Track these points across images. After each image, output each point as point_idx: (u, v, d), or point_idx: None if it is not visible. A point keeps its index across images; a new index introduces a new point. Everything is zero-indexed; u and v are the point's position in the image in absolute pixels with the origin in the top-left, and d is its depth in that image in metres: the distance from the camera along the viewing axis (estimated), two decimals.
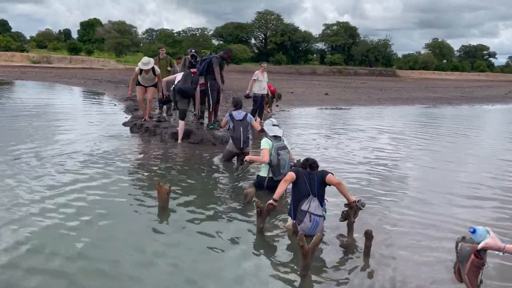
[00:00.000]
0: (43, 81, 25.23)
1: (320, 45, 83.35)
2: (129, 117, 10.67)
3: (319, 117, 14.52)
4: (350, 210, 4.12)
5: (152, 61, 8.89)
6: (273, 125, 5.54)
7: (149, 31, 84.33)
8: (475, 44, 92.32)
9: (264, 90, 11.08)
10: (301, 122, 12.45)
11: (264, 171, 5.36)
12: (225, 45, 59.77)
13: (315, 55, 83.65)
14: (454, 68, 78.50)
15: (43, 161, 6.18)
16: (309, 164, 4.17)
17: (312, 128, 11.26)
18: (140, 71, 8.77)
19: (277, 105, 14.87)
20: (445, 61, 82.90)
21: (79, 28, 74.39)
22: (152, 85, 9.12)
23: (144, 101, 9.24)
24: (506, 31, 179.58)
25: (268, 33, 77.49)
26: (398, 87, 33.81)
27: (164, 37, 69.43)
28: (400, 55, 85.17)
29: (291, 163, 5.35)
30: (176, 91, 7.78)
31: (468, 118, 16.44)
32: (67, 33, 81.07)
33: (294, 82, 33.08)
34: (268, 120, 5.79)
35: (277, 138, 5.37)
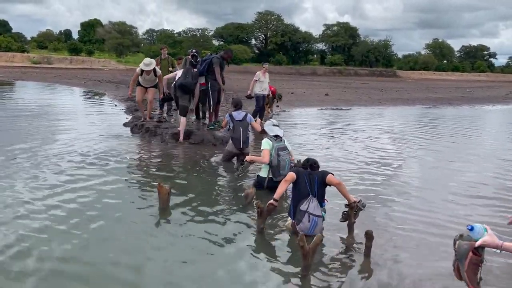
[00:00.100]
0: (44, 82, 25.25)
1: (321, 46, 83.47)
2: (130, 118, 10.67)
3: (320, 118, 14.52)
4: (351, 211, 4.12)
5: (154, 62, 8.91)
6: (274, 125, 5.54)
7: (150, 32, 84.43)
8: (476, 45, 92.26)
9: (266, 91, 11.07)
10: (302, 123, 12.45)
11: (264, 172, 5.37)
12: (226, 46, 59.79)
13: (316, 56, 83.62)
14: (455, 69, 78.44)
15: (44, 161, 6.19)
16: (310, 164, 4.17)
17: (313, 128, 11.26)
18: (141, 72, 8.78)
19: (277, 106, 14.87)
20: (446, 62, 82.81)
21: (80, 29, 74.50)
22: (153, 86, 9.14)
23: (144, 102, 9.24)
24: (506, 31, 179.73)
25: (269, 34, 77.48)
26: (399, 88, 33.80)
27: (165, 38, 69.45)
28: (401, 56, 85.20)
29: (291, 164, 5.35)
30: (177, 87, 7.82)
31: (469, 119, 16.43)
32: (68, 34, 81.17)
33: (295, 83, 33.08)
34: (269, 121, 5.79)
35: (278, 139, 5.37)
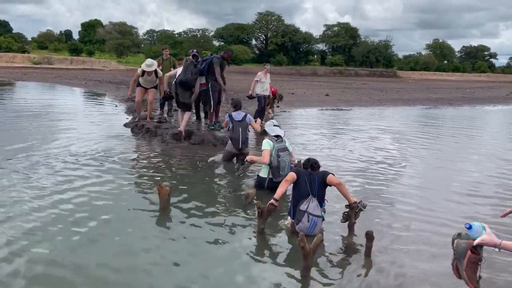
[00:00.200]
0: (44, 82, 25.25)
1: (321, 46, 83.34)
2: (130, 118, 10.67)
3: (321, 118, 14.52)
4: (351, 211, 4.13)
5: (155, 64, 8.94)
6: (274, 126, 5.56)
7: (150, 32, 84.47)
8: (476, 45, 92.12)
9: (267, 92, 11.12)
10: (303, 123, 12.44)
11: (264, 172, 5.38)
12: (226, 46, 59.77)
13: (316, 56, 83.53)
14: (455, 69, 78.34)
15: (43, 161, 6.18)
16: (310, 164, 4.18)
17: (314, 129, 11.26)
18: (143, 73, 8.78)
19: (278, 106, 14.87)
20: (446, 62, 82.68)
21: (80, 29, 74.56)
22: (153, 87, 9.15)
23: (144, 102, 9.26)
24: (507, 32, 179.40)
25: (269, 34, 77.43)
26: (399, 88, 33.77)
27: (165, 38, 69.41)
28: (401, 56, 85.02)
29: (292, 165, 5.35)
30: (178, 84, 7.83)
31: (470, 119, 16.42)
32: (68, 34, 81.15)
33: (295, 83, 33.07)
34: (269, 121, 5.83)
35: (279, 139, 5.38)
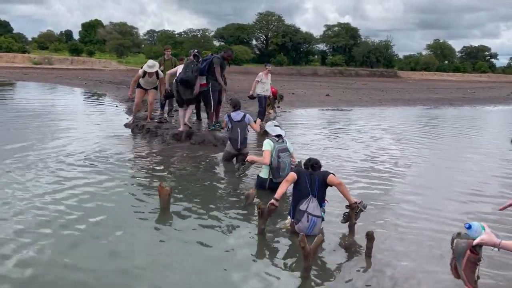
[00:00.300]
0: (45, 82, 25.26)
1: (321, 46, 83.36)
2: (131, 118, 10.65)
3: (321, 118, 14.51)
4: (352, 212, 4.12)
5: (157, 65, 8.96)
6: (275, 126, 5.57)
7: (150, 32, 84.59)
8: (477, 45, 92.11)
9: (268, 92, 11.21)
10: (303, 123, 12.43)
11: (265, 172, 5.38)
12: (226, 46, 59.73)
13: (316, 56, 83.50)
14: (456, 69, 78.28)
15: (43, 161, 6.18)
16: (311, 164, 4.18)
17: (315, 129, 11.25)
18: (144, 74, 8.79)
19: (278, 106, 14.87)
20: (447, 62, 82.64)
21: (81, 29, 74.60)
22: (153, 88, 9.16)
23: (145, 103, 9.28)
24: (508, 32, 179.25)
25: (269, 34, 77.45)
26: (400, 88, 33.74)
27: (165, 38, 69.40)
28: (401, 56, 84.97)
29: (292, 166, 5.35)
30: (179, 82, 7.83)
31: (470, 119, 16.41)
32: (69, 34, 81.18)
33: (295, 83, 33.05)
34: (270, 122, 5.85)
35: (279, 140, 5.38)
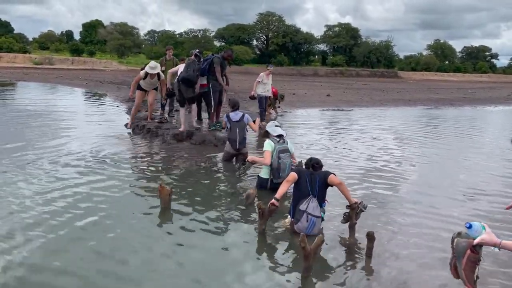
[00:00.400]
0: (45, 82, 25.28)
1: (322, 47, 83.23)
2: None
3: (322, 118, 14.50)
4: (352, 212, 4.13)
5: (159, 67, 8.97)
6: (276, 126, 5.57)
7: (151, 33, 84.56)
8: (477, 45, 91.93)
9: (268, 92, 11.35)
10: (305, 123, 12.43)
11: (265, 173, 5.39)
12: (227, 46, 59.74)
13: (317, 57, 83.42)
14: (456, 69, 78.22)
15: (44, 161, 6.19)
16: (312, 164, 4.18)
17: (316, 129, 11.25)
18: (145, 75, 8.79)
19: (279, 106, 14.87)
20: (447, 63, 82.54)
21: (81, 30, 74.61)
22: (153, 88, 9.18)
23: (145, 103, 9.29)
24: (508, 32, 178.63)
25: (270, 35, 77.41)
26: (400, 88, 33.71)
27: (166, 39, 69.39)
28: (402, 56, 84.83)
29: (293, 166, 5.35)
30: (180, 81, 7.85)
31: (471, 120, 16.40)
32: (69, 35, 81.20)
33: (296, 84, 33.05)
34: (271, 122, 5.87)
35: (280, 140, 5.38)
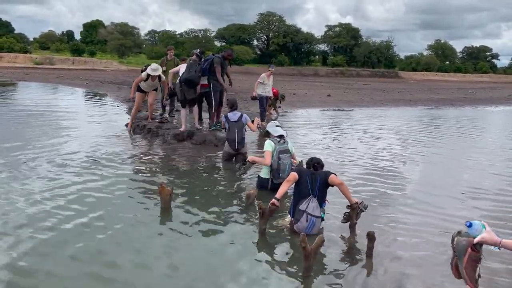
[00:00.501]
0: (46, 82, 25.28)
1: (323, 47, 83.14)
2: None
3: (323, 118, 14.50)
4: (352, 212, 4.13)
5: (160, 69, 8.98)
6: (277, 126, 5.57)
7: (152, 33, 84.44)
8: (478, 46, 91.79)
9: (269, 93, 11.46)
10: (305, 123, 12.43)
11: (265, 172, 5.40)
12: (227, 46, 59.73)
13: (317, 57, 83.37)
14: (457, 70, 78.15)
15: (44, 161, 6.19)
16: (313, 164, 4.19)
17: (317, 129, 11.26)
18: (147, 77, 8.79)
19: (279, 107, 14.87)
20: (448, 63, 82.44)
21: (82, 30, 74.66)
22: (153, 89, 9.19)
23: (145, 103, 9.31)
24: (509, 32, 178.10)
25: (271, 35, 77.38)
26: (401, 89, 33.69)
27: (167, 39, 69.35)
28: (403, 57, 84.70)
29: (292, 167, 5.35)
30: (183, 82, 7.85)
31: (472, 120, 16.38)
32: (70, 35, 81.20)
33: (297, 84, 33.04)
34: (272, 122, 5.86)
35: (281, 140, 5.39)
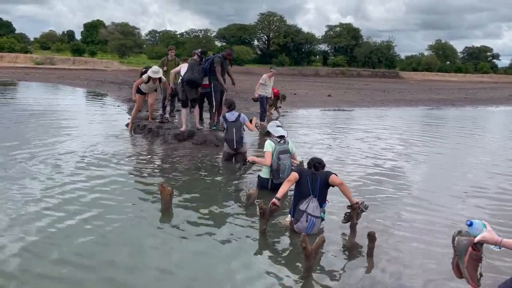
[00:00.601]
0: (47, 82, 25.30)
1: (323, 47, 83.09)
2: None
3: (323, 118, 14.50)
4: (353, 212, 4.13)
5: (161, 71, 9.00)
6: (277, 126, 5.57)
7: (152, 33, 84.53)
8: (478, 46, 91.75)
9: (268, 94, 11.63)
10: (306, 123, 12.43)
11: (265, 172, 5.41)
12: (228, 46, 59.71)
13: (318, 57, 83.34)
14: (458, 70, 78.12)
15: (45, 161, 6.20)
16: (314, 164, 4.18)
17: (318, 129, 11.25)
18: (148, 80, 8.80)
19: (280, 107, 14.87)
20: (448, 63, 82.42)
21: (83, 30, 74.71)
22: (153, 90, 9.21)
23: (145, 103, 9.33)
24: (509, 32, 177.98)
25: (271, 35, 77.36)
26: (401, 89, 33.68)
27: (167, 39, 69.37)
28: (403, 57, 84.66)
29: (293, 167, 5.35)
30: (185, 82, 7.84)
31: (472, 120, 16.37)
32: (71, 35, 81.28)
33: (297, 84, 33.03)
34: (272, 122, 5.85)
35: (281, 140, 5.39)
